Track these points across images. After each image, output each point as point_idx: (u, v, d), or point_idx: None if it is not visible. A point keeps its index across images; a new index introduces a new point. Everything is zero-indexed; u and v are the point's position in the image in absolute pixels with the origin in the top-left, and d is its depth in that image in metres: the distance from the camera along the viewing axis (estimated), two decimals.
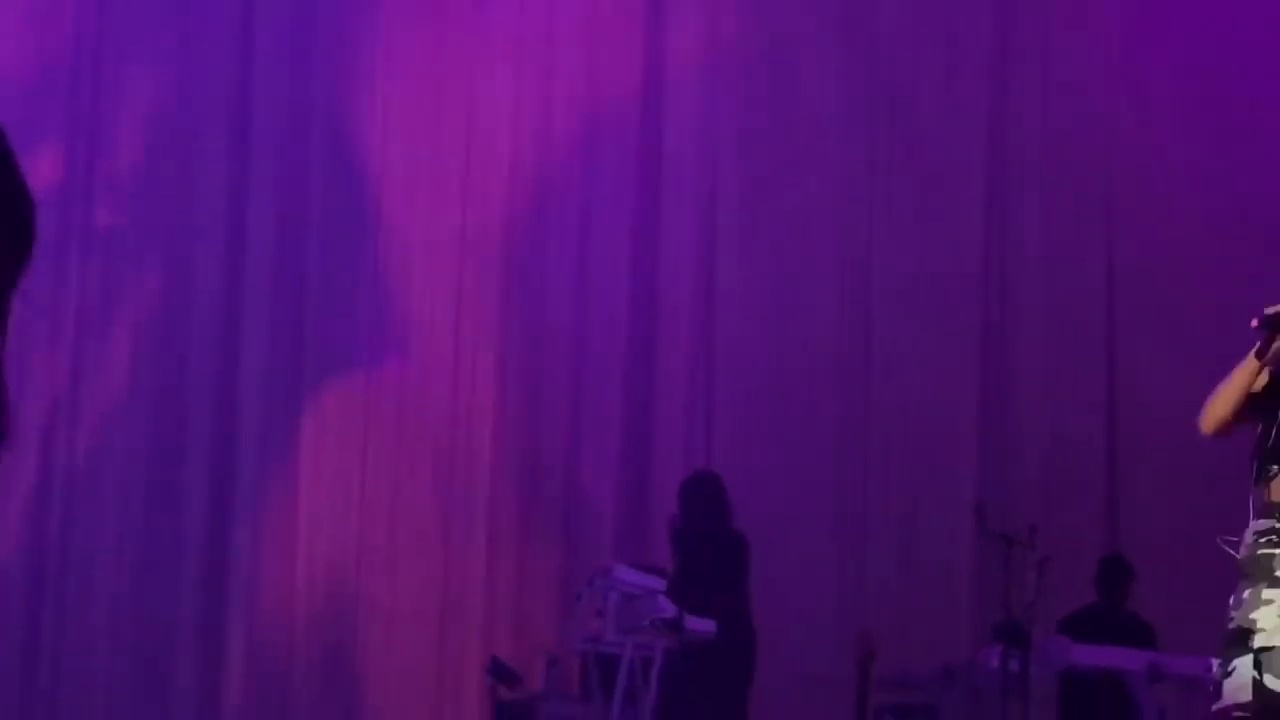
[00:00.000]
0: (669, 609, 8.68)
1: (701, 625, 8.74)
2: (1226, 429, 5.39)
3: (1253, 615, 5.22)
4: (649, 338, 10.70)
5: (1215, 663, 5.34)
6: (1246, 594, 5.25)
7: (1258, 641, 5.18)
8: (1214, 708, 5.26)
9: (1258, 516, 5.32)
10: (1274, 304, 5.26)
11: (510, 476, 10.40)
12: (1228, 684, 5.21)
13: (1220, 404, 5.38)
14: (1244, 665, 5.17)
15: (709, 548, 9.23)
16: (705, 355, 10.72)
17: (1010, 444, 10.95)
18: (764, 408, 10.62)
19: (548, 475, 10.50)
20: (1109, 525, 10.81)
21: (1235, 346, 5.44)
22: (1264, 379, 5.35)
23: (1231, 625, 5.26)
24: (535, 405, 10.52)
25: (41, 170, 9.72)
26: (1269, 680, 5.14)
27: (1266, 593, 5.22)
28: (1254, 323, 5.26)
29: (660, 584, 8.91)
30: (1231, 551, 5.36)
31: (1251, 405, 5.38)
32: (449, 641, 10.09)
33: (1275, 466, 5.30)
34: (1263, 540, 5.27)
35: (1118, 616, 9.69)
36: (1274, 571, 5.22)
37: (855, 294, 10.82)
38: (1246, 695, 5.15)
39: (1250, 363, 5.33)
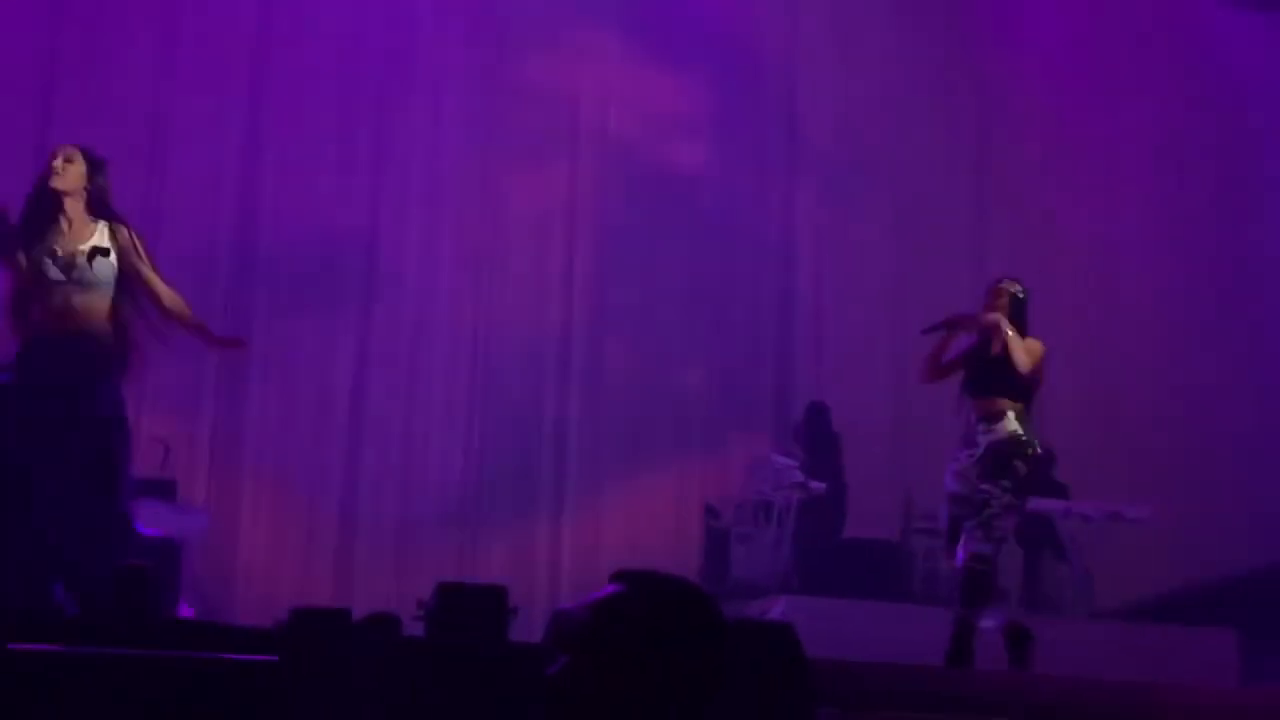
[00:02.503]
0: (799, 476, 10.24)
1: (818, 485, 10.26)
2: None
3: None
4: (788, 320, 12.16)
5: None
6: None
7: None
8: None
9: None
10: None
11: (714, 409, 11.91)
12: None
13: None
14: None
15: (819, 439, 10.93)
16: (818, 324, 12.22)
17: None
18: (851, 362, 12.21)
19: (731, 410, 11.86)
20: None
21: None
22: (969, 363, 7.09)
23: None
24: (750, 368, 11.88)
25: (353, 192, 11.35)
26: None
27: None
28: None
29: (795, 463, 10.43)
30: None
31: (964, 371, 7.12)
32: (680, 496, 11.54)
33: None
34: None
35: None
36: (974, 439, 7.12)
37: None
38: None
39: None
